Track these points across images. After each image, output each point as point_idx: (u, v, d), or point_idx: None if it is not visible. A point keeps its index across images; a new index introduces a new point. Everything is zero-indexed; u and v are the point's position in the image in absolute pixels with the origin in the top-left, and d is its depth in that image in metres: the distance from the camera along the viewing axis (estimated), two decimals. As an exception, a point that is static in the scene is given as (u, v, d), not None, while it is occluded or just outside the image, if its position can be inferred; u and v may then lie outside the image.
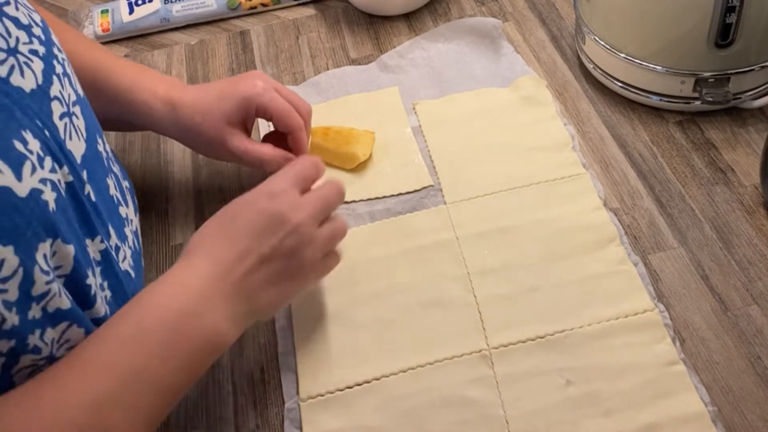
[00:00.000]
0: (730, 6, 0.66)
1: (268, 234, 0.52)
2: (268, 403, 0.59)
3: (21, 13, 0.49)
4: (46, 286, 0.43)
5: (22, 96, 0.45)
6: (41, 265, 0.43)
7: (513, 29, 0.88)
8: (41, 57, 0.49)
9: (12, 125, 0.43)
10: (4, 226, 0.40)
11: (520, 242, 0.65)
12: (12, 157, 0.42)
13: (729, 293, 0.61)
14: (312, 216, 0.54)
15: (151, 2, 0.95)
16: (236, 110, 0.65)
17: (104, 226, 0.53)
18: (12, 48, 0.46)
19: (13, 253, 0.40)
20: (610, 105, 0.78)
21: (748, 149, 0.71)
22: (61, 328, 0.46)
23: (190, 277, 0.50)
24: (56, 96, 0.49)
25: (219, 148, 0.66)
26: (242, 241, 0.52)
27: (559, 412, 0.55)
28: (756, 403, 0.55)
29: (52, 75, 0.50)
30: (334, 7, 0.94)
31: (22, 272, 0.41)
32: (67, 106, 0.51)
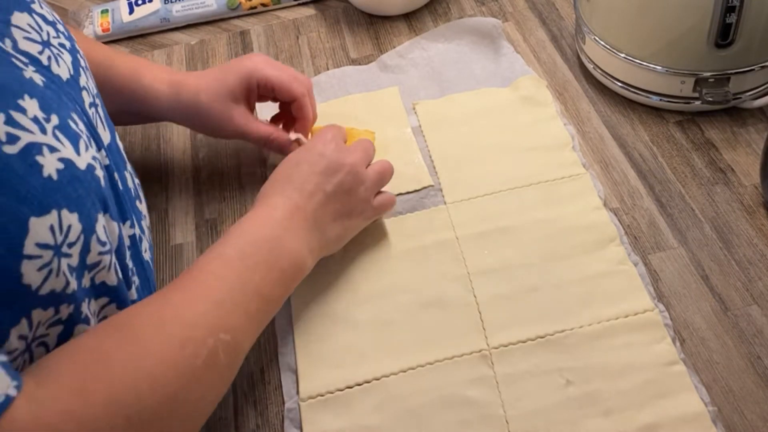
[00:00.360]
0: (730, 6, 0.66)
1: (330, 174, 0.60)
2: (268, 403, 0.59)
3: (45, 11, 0.52)
4: (99, 256, 0.47)
5: (62, 84, 0.49)
6: (99, 235, 0.46)
7: (513, 29, 0.88)
8: (68, 50, 0.52)
9: (63, 107, 0.47)
10: (70, 195, 0.43)
11: (520, 242, 0.65)
12: (70, 134, 0.45)
13: (729, 293, 0.61)
14: (360, 158, 0.63)
15: (151, 2, 0.95)
16: (239, 85, 0.67)
17: (131, 213, 0.55)
18: (45, 41, 0.50)
19: (78, 220, 0.44)
20: (610, 105, 0.78)
21: (748, 149, 0.71)
22: (102, 303, 0.49)
23: (270, 213, 0.57)
24: (84, 86, 0.53)
25: (225, 125, 0.68)
26: (309, 181, 0.59)
27: (559, 412, 0.55)
28: (756, 403, 0.55)
29: (79, 67, 0.53)
30: (334, 7, 0.94)
31: (83, 239, 0.44)
32: (92, 96, 0.54)
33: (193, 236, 0.71)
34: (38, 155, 0.42)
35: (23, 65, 0.46)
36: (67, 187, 0.43)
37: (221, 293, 0.50)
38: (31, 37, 0.48)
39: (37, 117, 0.43)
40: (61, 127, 0.45)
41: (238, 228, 0.55)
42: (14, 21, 0.48)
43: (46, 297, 0.42)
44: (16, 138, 0.41)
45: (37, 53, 0.48)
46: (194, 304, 0.48)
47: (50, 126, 0.44)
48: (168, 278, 0.68)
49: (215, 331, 0.47)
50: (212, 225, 0.72)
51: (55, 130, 0.44)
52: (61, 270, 0.43)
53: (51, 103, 0.45)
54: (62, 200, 0.42)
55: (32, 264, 0.41)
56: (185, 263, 0.69)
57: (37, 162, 0.42)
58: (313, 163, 0.60)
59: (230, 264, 0.52)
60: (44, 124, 0.43)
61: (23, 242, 0.40)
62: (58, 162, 0.43)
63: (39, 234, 0.41)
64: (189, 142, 0.79)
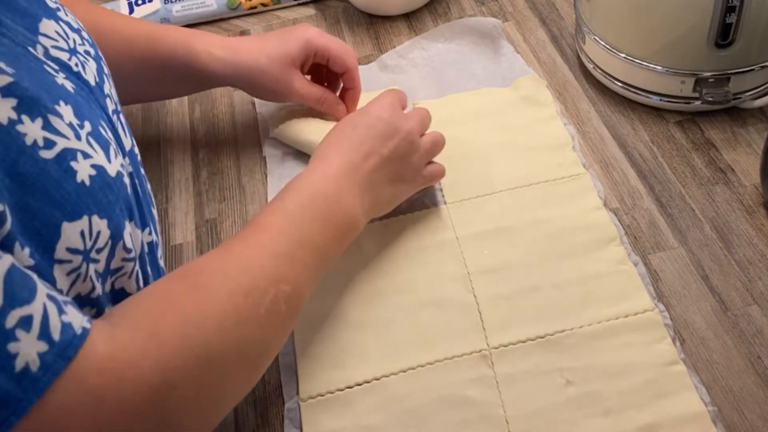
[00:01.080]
0: (730, 6, 0.66)
1: (386, 138, 0.61)
2: (268, 403, 0.59)
3: (70, 18, 0.53)
4: (122, 262, 0.47)
5: (91, 90, 0.50)
6: (126, 242, 0.47)
7: (513, 29, 0.88)
8: (93, 57, 0.53)
9: (94, 113, 0.47)
10: (101, 201, 0.44)
11: (520, 242, 0.65)
12: (102, 141, 0.46)
13: (729, 293, 0.61)
14: (417, 126, 0.64)
15: (151, 2, 0.95)
16: (299, 52, 0.71)
17: (150, 219, 0.56)
18: (72, 48, 0.50)
19: (107, 226, 0.44)
20: (610, 105, 0.78)
21: (748, 149, 0.71)
22: None
23: (327, 170, 0.58)
24: (108, 94, 0.53)
25: (284, 88, 0.71)
26: (366, 143, 0.60)
27: (559, 412, 0.55)
28: (756, 403, 0.55)
29: (103, 74, 0.54)
30: (334, 7, 0.94)
31: (110, 245, 0.45)
32: (115, 104, 0.54)
33: (193, 236, 0.71)
34: (73, 161, 0.43)
35: (54, 72, 0.46)
36: (99, 193, 0.44)
37: (281, 246, 0.51)
38: (59, 45, 0.49)
39: (72, 123, 0.44)
40: (93, 133, 0.46)
41: (296, 182, 0.57)
42: (42, 29, 0.48)
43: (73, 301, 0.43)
44: (52, 143, 0.41)
45: (66, 60, 0.49)
46: (257, 256, 0.50)
47: (84, 132, 0.45)
48: (168, 278, 0.68)
49: (276, 282, 0.49)
50: (212, 225, 0.72)
51: (89, 137, 0.45)
52: (89, 275, 0.43)
53: (83, 110, 0.46)
54: (93, 206, 0.43)
55: (62, 268, 0.41)
56: (185, 263, 0.69)
57: (71, 167, 0.42)
58: (370, 125, 0.61)
59: (290, 217, 0.54)
60: (78, 130, 0.44)
61: (55, 247, 0.40)
62: (90, 168, 0.44)
63: (70, 239, 0.41)
64: (189, 142, 0.79)
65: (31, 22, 0.48)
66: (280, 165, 0.75)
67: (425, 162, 0.65)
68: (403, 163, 0.62)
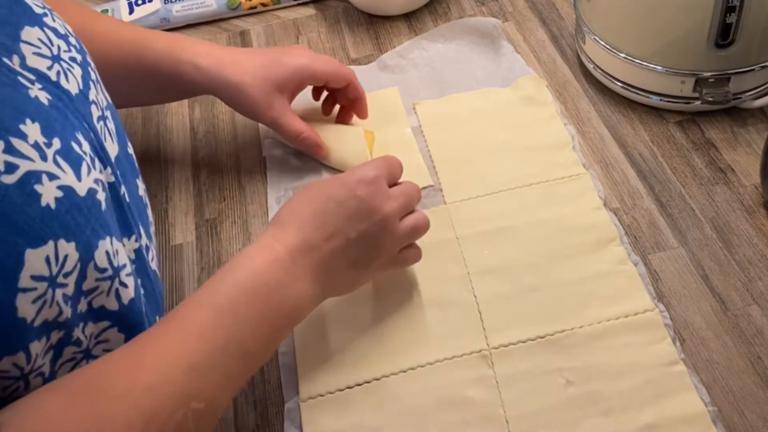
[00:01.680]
0: (730, 6, 0.66)
1: (358, 219, 0.55)
2: (268, 403, 0.59)
3: (57, 24, 0.51)
4: (96, 282, 0.45)
5: (71, 99, 0.48)
6: (97, 262, 0.45)
7: (513, 29, 0.88)
8: (79, 64, 0.51)
9: (68, 127, 0.46)
10: (69, 224, 0.42)
11: (520, 242, 0.65)
12: (72, 158, 0.44)
13: (729, 293, 0.61)
14: (399, 208, 0.57)
15: (151, 2, 0.95)
16: (290, 78, 0.69)
17: (136, 226, 0.54)
18: (56, 55, 0.49)
19: (75, 249, 0.42)
20: (610, 105, 0.78)
21: (748, 149, 0.71)
22: (102, 326, 0.48)
23: (280, 248, 0.52)
24: (93, 100, 0.52)
25: (262, 112, 0.69)
26: (333, 222, 0.54)
27: (559, 412, 0.55)
28: (756, 403, 0.55)
29: (89, 81, 0.52)
30: (334, 7, 0.94)
31: (79, 267, 0.43)
32: (101, 110, 0.53)
33: (193, 236, 0.71)
34: (37, 184, 0.41)
35: (29, 83, 0.45)
36: (66, 216, 0.42)
37: (201, 355, 0.46)
38: (41, 52, 0.48)
39: (38, 143, 0.42)
40: (62, 151, 0.44)
41: (238, 263, 0.52)
42: (24, 36, 0.47)
43: (40, 327, 0.41)
44: (14, 167, 0.40)
45: (45, 69, 0.47)
46: (168, 370, 0.45)
47: (51, 151, 0.43)
48: (168, 279, 0.68)
49: (187, 401, 0.44)
50: (212, 225, 0.72)
51: (56, 156, 0.43)
52: (55, 300, 0.42)
53: (54, 125, 0.44)
54: (59, 230, 0.41)
55: (27, 297, 0.40)
56: (185, 263, 0.69)
57: (35, 191, 0.40)
58: (342, 202, 0.55)
59: (219, 317, 0.48)
60: (45, 150, 0.42)
61: (18, 275, 0.39)
62: (57, 190, 0.42)
63: (34, 266, 0.40)
64: (189, 142, 0.79)
65: (12, 29, 0.46)
66: (280, 165, 0.75)
67: (400, 246, 0.59)
68: (372, 247, 0.56)
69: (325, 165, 0.74)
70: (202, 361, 0.46)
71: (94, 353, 0.47)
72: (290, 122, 0.70)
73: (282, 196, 0.72)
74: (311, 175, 0.73)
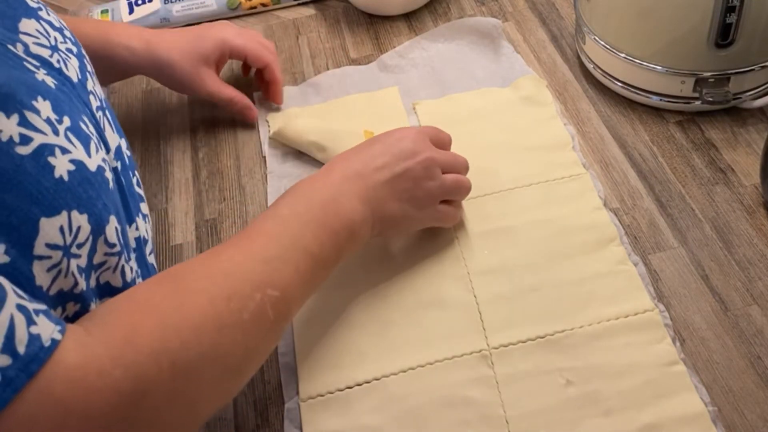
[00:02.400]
0: (730, 6, 0.66)
1: (402, 158, 0.59)
2: (268, 403, 0.59)
3: (52, 18, 0.53)
4: (105, 257, 0.47)
5: (74, 86, 0.50)
6: (108, 237, 0.46)
7: (513, 29, 0.88)
8: (75, 55, 0.53)
9: (75, 109, 0.47)
10: (81, 196, 0.44)
11: (520, 242, 0.65)
12: (82, 136, 0.46)
13: (729, 293, 0.61)
14: (441, 159, 0.61)
15: (151, 2, 0.95)
16: (212, 51, 0.75)
17: (136, 215, 0.56)
18: (53, 45, 0.50)
19: (87, 221, 0.44)
20: (610, 105, 0.78)
21: (748, 149, 0.71)
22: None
23: (329, 174, 0.57)
24: (91, 90, 0.53)
25: (193, 84, 0.75)
26: (378, 158, 0.59)
27: (559, 412, 0.55)
28: (756, 403, 0.55)
29: (86, 71, 0.54)
30: (334, 7, 0.94)
31: (91, 240, 0.45)
32: (100, 100, 0.55)
33: (193, 236, 0.71)
34: (50, 156, 0.42)
35: (35, 68, 0.46)
36: (78, 189, 0.44)
37: (271, 251, 0.50)
38: (41, 42, 0.49)
39: (50, 118, 0.44)
40: (72, 128, 0.45)
41: (294, 188, 0.57)
42: (22, 28, 0.48)
43: (55, 297, 0.43)
44: (29, 139, 0.41)
45: (47, 56, 0.49)
46: (244, 260, 0.49)
47: (62, 127, 0.44)
48: (168, 278, 0.68)
49: (263, 287, 0.48)
50: (212, 225, 0.72)
51: (67, 132, 0.45)
52: (71, 270, 0.43)
53: (63, 105, 0.46)
54: (72, 201, 0.43)
55: (42, 264, 0.41)
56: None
57: (49, 163, 0.42)
58: (388, 144, 0.60)
59: (284, 223, 0.53)
60: (56, 125, 0.44)
61: (33, 243, 0.40)
62: (69, 163, 0.43)
63: (49, 235, 0.41)
64: (189, 142, 0.79)
65: (10, 22, 0.48)
66: (280, 165, 0.75)
67: (442, 195, 0.62)
68: (415, 185, 0.60)
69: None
70: (273, 255, 0.50)
71: None
72: (222, 90, 0.76)
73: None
74: (311, 175, 0.73)
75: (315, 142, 0.73)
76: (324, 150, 0.73)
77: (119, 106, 0.85)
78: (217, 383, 0.46)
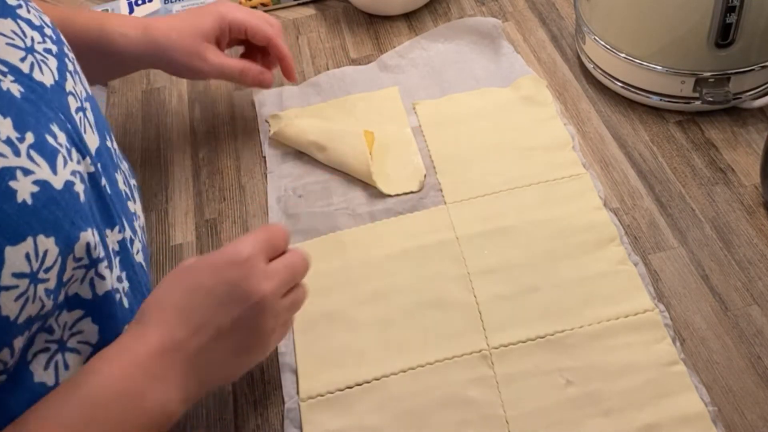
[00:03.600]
0: (730, 6, 0.66)
1: (230, 306, 0.48)
2: (268, 403, 0.59)
3: (32, 15, 0.51)
4: (73, 271, 0.45)
5: (45, 91, 0.47)
6: (76, 253, 0.45)
7: (513, 29, 0.88)
8: (54, 55, 0.51)
9: (42, 120, 0.45)
10: (47, 218, 0.42)
11: (520, 242, 0.65)
12: (46, 152, 0.44)
13: (729, 293, 0.61)
14: (279, 287, 0.50)
15: (151, 2, 0.95)
16: (212, 26, 0.69)
17: (119, 218, 0.54)
18: (29, 47, 0.48)
19: (54, 243, 0.42)
20: (610, 105, 0.78)
21: (748, 149, 0.71)
22: (76, 315, 0.47)
23: (141, 349, 0.47)
24: (71, 91, 0.51)
25: (199, 63, 0.69)
26: (200, 312, 0.48)
27: (559, 412, 0.55)
28: (756, 403, 0.55)
29: (66, 72, 0.52)
30: (334, 7, 0.94)
31: (60, 261, 0.43)
32: (80, 101, 0.53)
33: (193, 236, 0.71)
34: (11, 180, 0.40)
35: (1, 75, 0.45)
36: (43, 211, 0.42)
37: None
38: (14, 44, 0.47)
39: (11, 138, 0.41)
40: (36, 145, 0.43)
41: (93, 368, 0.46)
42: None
43: (24, 323, 0.41)
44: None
45: (18, 60, 0.47)
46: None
47: (24, 146, 0.42)
48: (168, 278, 0.68)
49: None
50: (212, 225, 0.72)
51: (30, 150, 0.42)
52: (38, 296, 0.41)
53: (27, 119, 0.44)
54: (38, 225, 0.41)
55: (9, 295, 0.39)
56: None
57: (10, 188, 0.40)
58: (210, 289, 0.48)
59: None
60: (18, 145, 0.42)
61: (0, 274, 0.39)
62: (32, 185, 0.41)
63: (15, 264, 0.39)
64: (189, 142, 0.79)
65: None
66: (280, 165, 0.75)
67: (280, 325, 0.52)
68: (250, 332, 0.49)
69: (325, 165, 0.74)
70: None
71: (69, 345, 0.47)
72: (229, 63, 0.70)
73: (282, 196, 0.72)
74: (311, 175, 0.73)
75: (315, 142, 0.73)
76: (324, 150, 0.73)
77: (119, 106, 0.85)
78: None
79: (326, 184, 0.72)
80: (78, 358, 0.48)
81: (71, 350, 0.47)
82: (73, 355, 0.48)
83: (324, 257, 0.65)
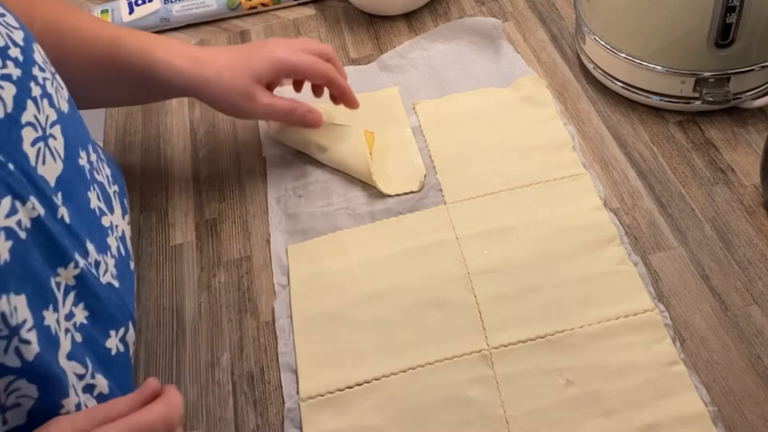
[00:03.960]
0: (730, 6, 0.66)
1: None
2: (268, 403, 0.59)
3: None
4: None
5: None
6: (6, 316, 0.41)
7: (513, 29, 0.88)
8: (14, 81, 0.48)
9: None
10: None
11: (520, 242, 0.65)
12: None
13: (729, 293, 0.61)
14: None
15: (151, 2, 0.95)
16: (267, 71, 0.68)
17: (80, 246, 0.52)
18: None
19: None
20: (610, 105, 0.78)
21: (748, 149, 0.71)
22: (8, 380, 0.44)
23: None
24: (29, 122, 0.48)
25: (246, 103, 0.67)
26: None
27: (559, 412, 0.55)
28: (756, 403, 0.55)
29: (26, 99, 0.48)
30: (334, 7, 0.94)
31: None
32: (42, 129, 0.49)
33: (193, 236, 0.71)
34: None
35: None
36: None
37: None
38: None
39: None
40: None
41: None
42: None
43: None
44: None
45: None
46: None
47: None
48: (168, 279, 0.68)
49: None
50: (212, 225, 0.72)
51: None
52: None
53: None
54: None
55: None
56: (185, 263, 0.69)
57: None
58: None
59: None
60: None
61: None
62: None
63: None
64: (189, 142, 0.79)
65: None
66: (280, 165, 0.75)
67: None
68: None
69: (325, 165, 0.74)
70: None
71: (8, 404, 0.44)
72: (278, 103, 0.69)
73: (282, 195, 0.72)
74: (311, 176, 0.73)
75: (315, 142, 0.73)
76: (324, 150, 0.73)
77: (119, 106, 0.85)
78: None
79: (326, 184, 0.72)
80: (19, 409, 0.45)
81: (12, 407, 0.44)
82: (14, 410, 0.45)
83: (324, 257, 0.65)
